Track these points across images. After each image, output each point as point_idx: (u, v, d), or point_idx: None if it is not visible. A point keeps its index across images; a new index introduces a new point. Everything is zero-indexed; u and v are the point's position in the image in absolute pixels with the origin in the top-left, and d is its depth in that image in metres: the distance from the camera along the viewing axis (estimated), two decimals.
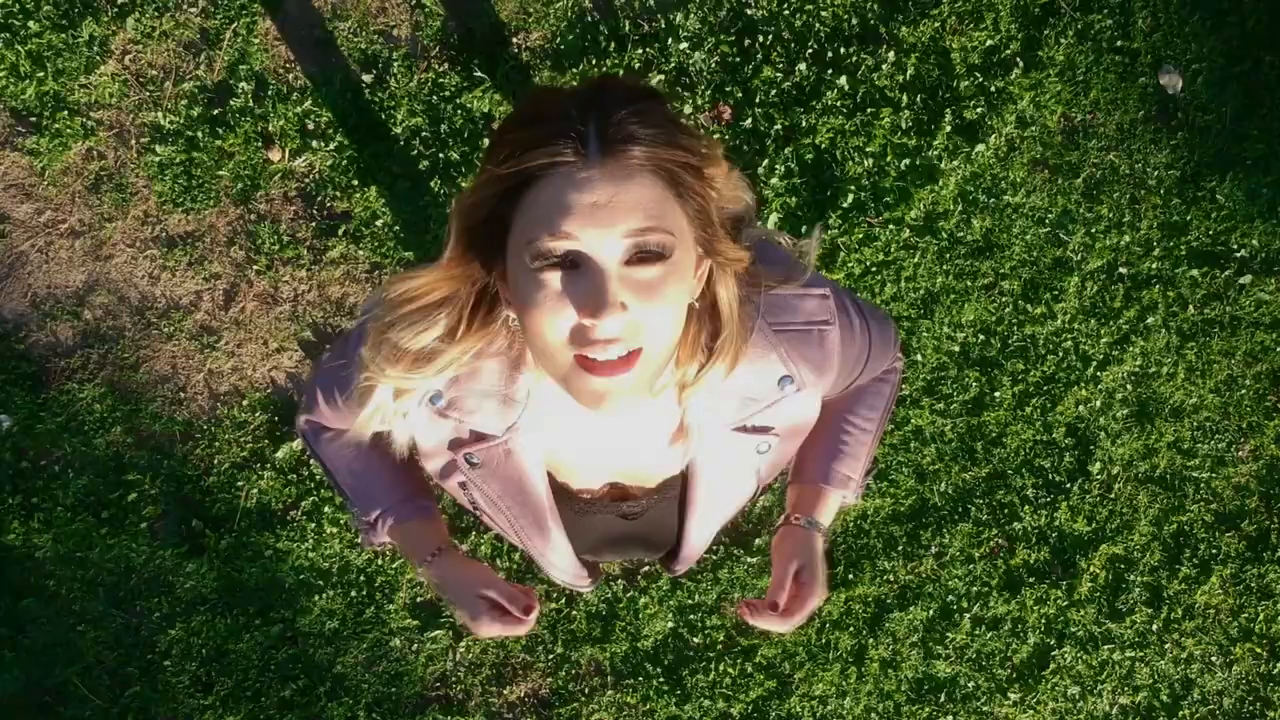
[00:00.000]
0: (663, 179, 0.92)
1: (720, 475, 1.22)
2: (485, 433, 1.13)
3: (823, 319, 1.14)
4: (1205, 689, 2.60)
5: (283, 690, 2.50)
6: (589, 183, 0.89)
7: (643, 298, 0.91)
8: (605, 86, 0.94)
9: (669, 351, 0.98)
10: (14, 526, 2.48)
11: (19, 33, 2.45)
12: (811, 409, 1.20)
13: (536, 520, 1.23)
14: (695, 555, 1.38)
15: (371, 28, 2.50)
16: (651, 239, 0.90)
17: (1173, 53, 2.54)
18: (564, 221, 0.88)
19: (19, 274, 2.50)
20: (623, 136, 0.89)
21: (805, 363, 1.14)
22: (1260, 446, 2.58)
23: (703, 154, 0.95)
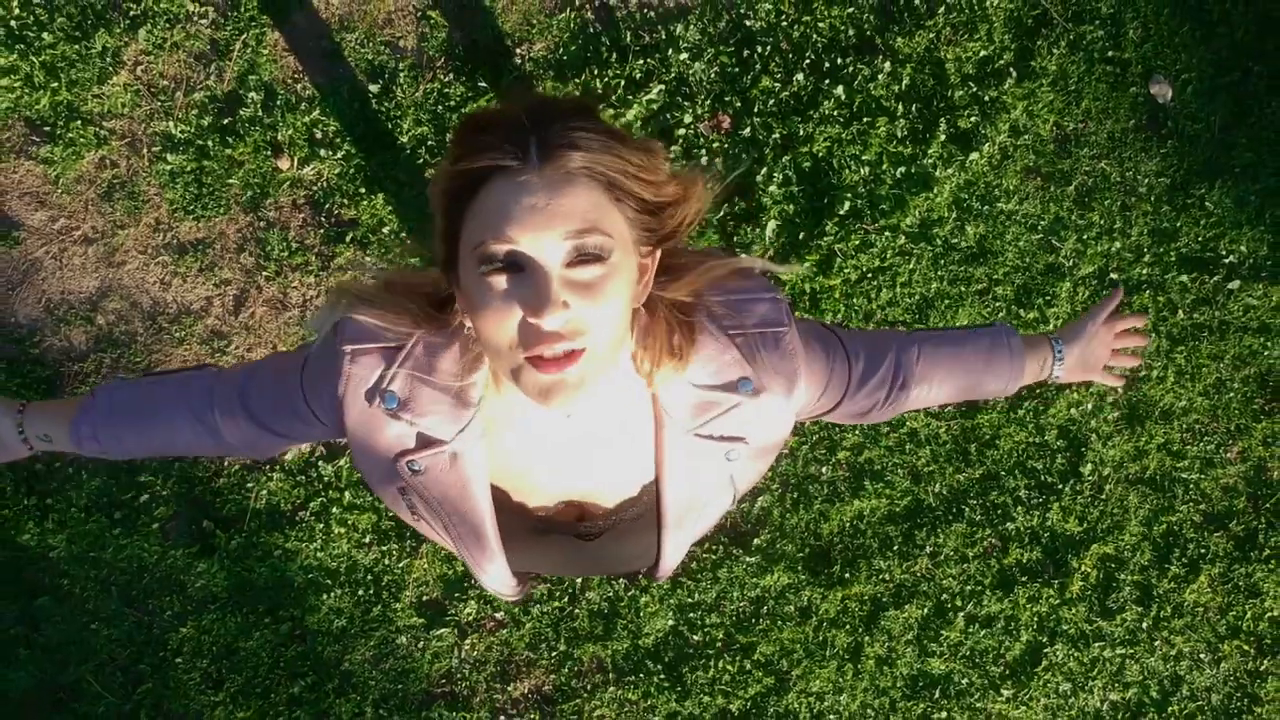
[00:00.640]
0: (600, 184, 0.95)
1: (690, 486, 1.22)
2: (434, 437, 1.13)
3: (778, 321, 1.15)
4: (1194, 685, 2.62)
5: (292, 687, 2.53)
6: (528, 187, 0.93)
7: (583, 297, 0.94)
8: (551, 101, 0.99)
9: (613, 347, 1.00)
10: (29, 527, 2.50)
11: (33, 44, 2.47)
12: (787, 410, 1.19)
13: (475, 530, 1.22)
14: (672, 567, 1.39)
15: (378, 39, 2.52)
16: (589, 241, 0.94)
17: (1163, 63, 2.56)
18: (506, 225, 0.93)
19: (33, 280, 2.52)
20: (561, 143, 0.93)
21: (765, 367, 1.14)
22: (1248, 449, 2.60)
23: (641, 162, 0.98)
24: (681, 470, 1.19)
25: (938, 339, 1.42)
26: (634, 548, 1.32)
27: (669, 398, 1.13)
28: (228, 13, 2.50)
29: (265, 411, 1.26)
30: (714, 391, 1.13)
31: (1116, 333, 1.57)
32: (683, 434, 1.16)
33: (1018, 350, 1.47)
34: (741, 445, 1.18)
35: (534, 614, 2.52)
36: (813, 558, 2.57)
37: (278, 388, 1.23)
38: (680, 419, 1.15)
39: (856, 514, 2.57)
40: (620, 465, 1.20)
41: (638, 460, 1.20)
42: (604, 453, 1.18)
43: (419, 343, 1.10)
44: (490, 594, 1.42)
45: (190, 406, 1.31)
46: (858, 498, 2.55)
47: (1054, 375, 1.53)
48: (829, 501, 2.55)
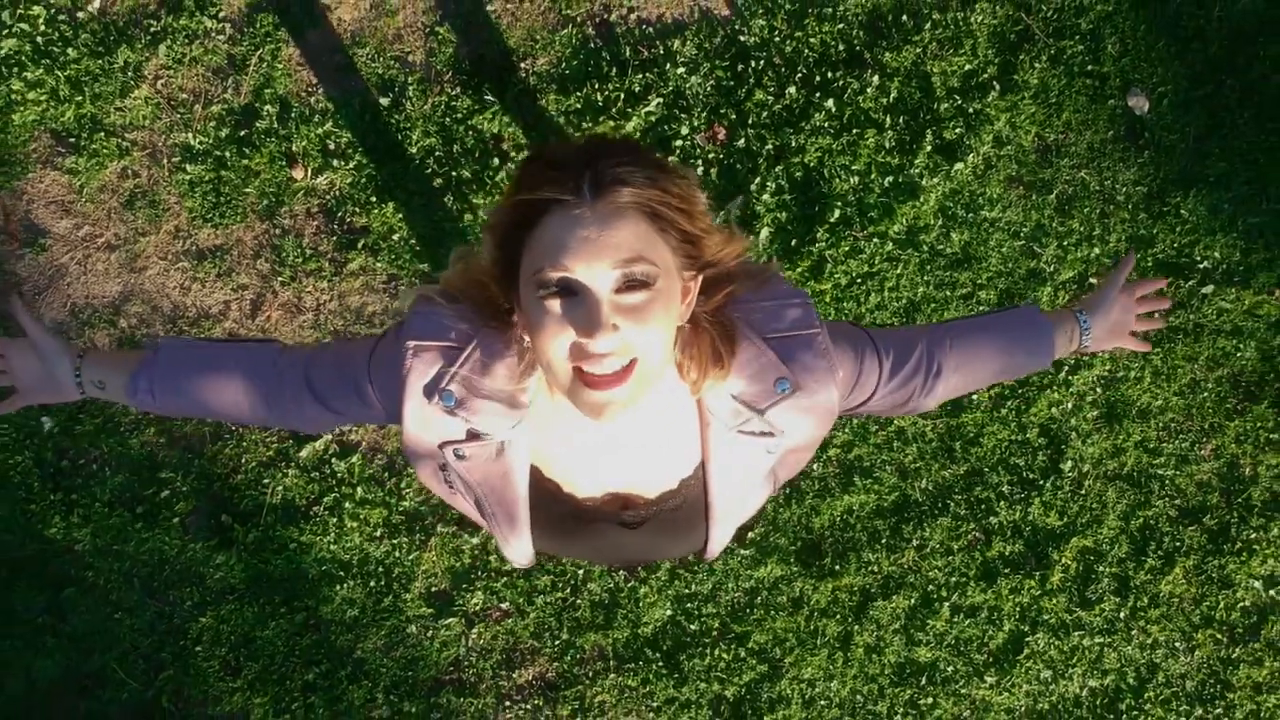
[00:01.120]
0: (646, 216, 1.04)
1: (734, 479, 1.31)
2: (484, 432, 1.23)
3: (810, 324, 1.24)
4: (1169, 672, 2.70)
5: (306, 674, 2.61)
6: (581, 220, 1.02)
7: (631, 320, 1.04)
8: (603, 141, 1.09)
9: (660, 366, 1.09)
10: (55, 521, 2.58)
11: (58, 59, 2.56)
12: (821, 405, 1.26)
13: (509, 512, 1.32)
14: (719, 550, 1.48)
15: (388, 54, 2.60)
16: (637, 269, 1.03)
17: (1140, 77, 2.64)
18: (562, 255, 1.02)
19: (59, 285, 2.61)
20: (612, 180, 1.03)
21: (800, 367, 1.23)
22: (1221, 446, 2.68)
23: (682, 193, 1.07)
24: (727, 465, 1.29)
25: (966, 326, 1.51)
26: (676, 536, 1.41)
27: (713, 400, 1.23)
28: (244, 29, 2.58)
29: (327, 388, 1.35)
30: (753, 392, 1.22)
31: (1136, 298, 1.62)
32: (727, 432, 1.25)
33: (1045, 327, 1.53)
34: (781, 439, 1.27)
35: (538, 604, 2.61)
36: (804, 550, 2.65)
37: (343, 368, 1.33)
38: (724, 418, 1.24)
39: (846, 509, 2.65)
40: (661, 462, 1.30)
41: (678, 457, 1.30)
42: (646, 451, 1.28)
43: (478, 347, 1.19)
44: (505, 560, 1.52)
45: (255, 372, 1.39)
46: (848, 493, 2.64)
47: (1083, 345, 1.58)
48: (820, 496, 2.64)
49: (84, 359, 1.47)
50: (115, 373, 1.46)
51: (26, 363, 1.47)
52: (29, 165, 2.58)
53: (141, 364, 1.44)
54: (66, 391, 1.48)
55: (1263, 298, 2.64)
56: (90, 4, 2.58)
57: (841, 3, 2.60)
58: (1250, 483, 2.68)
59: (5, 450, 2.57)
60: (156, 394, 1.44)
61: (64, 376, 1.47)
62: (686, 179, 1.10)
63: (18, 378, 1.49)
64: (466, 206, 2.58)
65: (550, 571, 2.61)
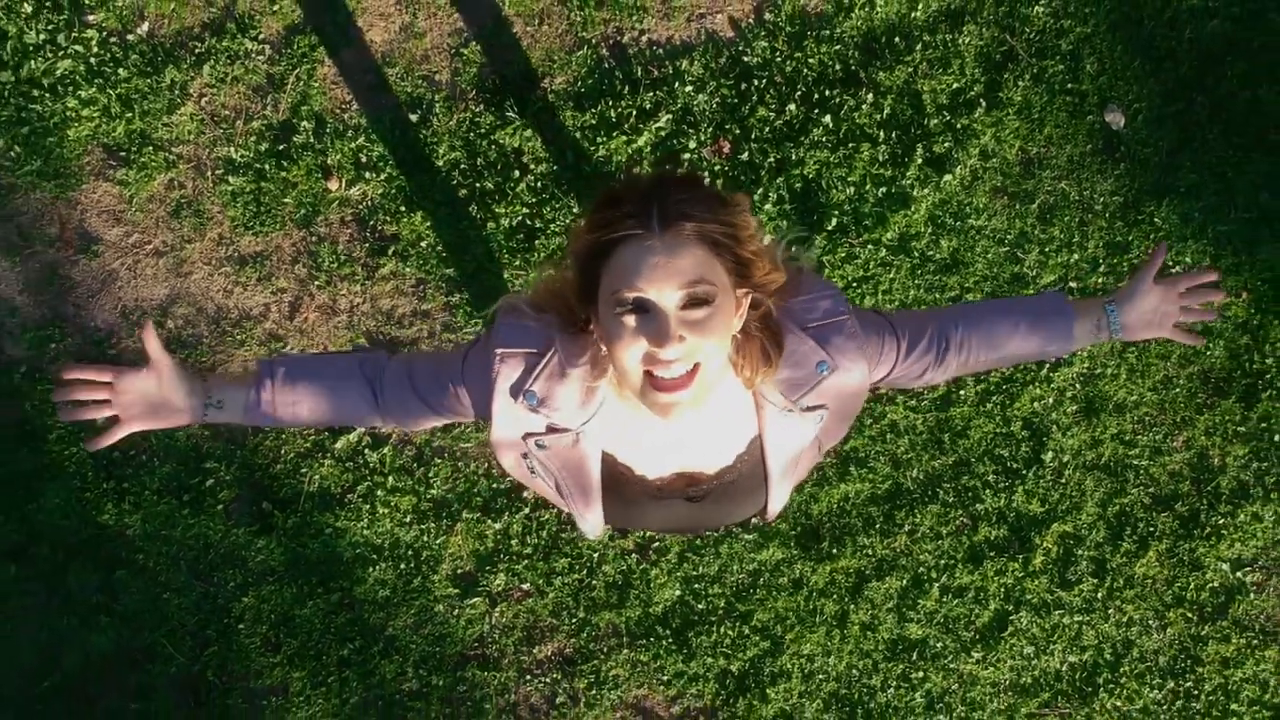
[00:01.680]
0: (707, 245, 1.23)
1: (786, 449, 1.50)
2: (561, 426, 1.41)
3: (840, 312, 1.43)
4: (1143, 648, 2.86)
5: (341, 650, 2.78)
6: (652, 250, 1.21)
7: (694, 332, 1.22)
8: (665, 179, 1.27)
9: (719, 370, 1.28)
10: (108, 508, 2.75)
11: (110, 78, 2.72)
12: (855, 380, 1.45)
13: (585, 492, 1.51)
14: (778, 510, 1.67)
15: (416, 73, 2.77)
16: (699, 290, 1.21)
17: (1116, 94, 2.80)
18: (636, 279, 1.20)
19: (110, 289, 2.77)
20: (676, 215, 1.21)
21: (836, 349, 1.41)
22: (1192, 438, 2.84)
23: (736, 222, 1.25)
24: (780, 440, 1.48)
25: (981, 310, 1.64)
26: (736, 503, 1.61)
27: (765, 388, 1.41)
28: (282, 50, 2.75)
29: (427, 390, 1.50)
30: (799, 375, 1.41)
31: (1181, 291, 1.62)
32: (779, 413, 1.44)
33: (1068, 314, 1.60)
34: (825, 412, 1.46)
35: (556, 584, 2.78)
36: (804, 535, 2.82)
37: (439, 373, 1.49)
38: (776, 401, 1.42)
39: (843, 496, 2.82)
40: (718, 444, 1.48)
41: (733, 437, 1.48)
42: (704, 436, 1.46)
43: (557, 352, 1.37)
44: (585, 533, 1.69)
45: (365, 378, 1.53)
46: (844, 482, 2.80)
47: (1114, 335, 1.62)
48: (818, 485, 2.80)
49: (206, 384, 1.51)
50: (234, 390, 1.52)
51: (143, 389, 1.46)
52: (83, 177, 2.74)
53: (259, 377, 1.52)
54: (178, 415, 1.50)
55: (1231, 300, 2.80)
56: (139, 27, 2.74)
57: (838, 25, 2.76)
58: (1219, 472, 2.84)
59: (61, 442, 2.73)
60: (277, 403, 1.51)
61: (188, 398, 1.48)
62: (740, 208, 1.28)
63: (128, 405, 1.46)
64: (489, 215, 2.74)
65: (567, 554, 2.78)
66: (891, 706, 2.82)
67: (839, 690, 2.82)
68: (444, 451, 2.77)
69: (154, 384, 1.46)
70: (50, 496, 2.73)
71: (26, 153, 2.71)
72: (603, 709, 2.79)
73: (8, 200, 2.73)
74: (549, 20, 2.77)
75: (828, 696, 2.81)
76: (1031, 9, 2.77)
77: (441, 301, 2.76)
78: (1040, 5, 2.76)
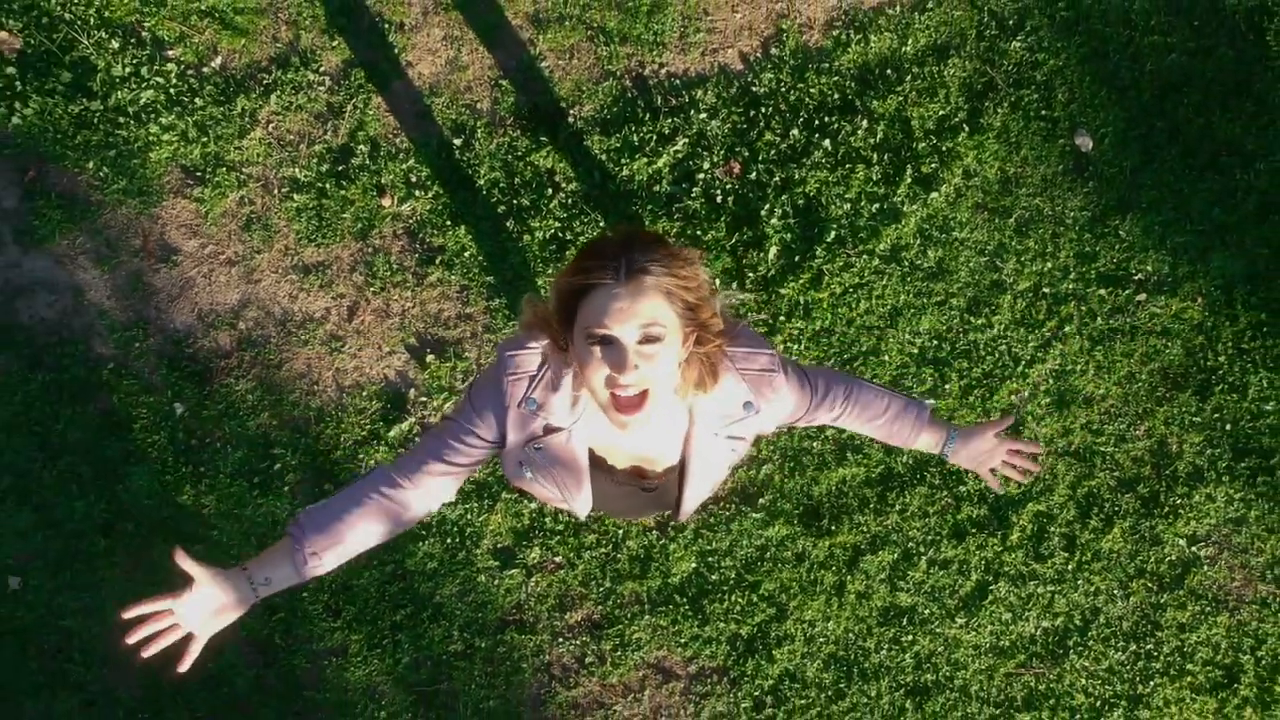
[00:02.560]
0: (661, 294, 1.49)
1: (704, 465, 1.80)
2: (555, 425, 1.68)
3: (771, 369, 1.74)
4: (1109, 615, 3.12)
5: (394, 615, 3.06)
6: (617, 296, 1.47)
7: (647, 363, 1.49)
8: (633, 237, 1.53)
9: (665, 393, 1.55)
10: (186, 490, 3.03)
11: (187, 107, 3.00)
12: (769, 427, 1.80)
13: (576, 479, 1.77)
14: (689, 513, 1.96)
15: (460, 102, 3.05)
16: (652, 330, 1.48)
17: (1085, 120, 3.07)
18: (604, 318, 1.47)
19: (188, 294, 3.06)
20: (639, 269, 1.48)
21: (763, 397, 1.73)
22: (1153, 427, 3.11)
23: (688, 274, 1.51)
24: (702, 454, 1.78)
25: (868, 392, 1.95)
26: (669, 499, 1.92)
27: (700, 411, 1.71)
28: (341, 81, 3.03)
29: (444, 453, 1.71)
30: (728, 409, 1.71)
31: (1009, 449, 2.01)
32: (708, 434, 1.74)
33: (923, 423, 1.96)
34: (742, 443, 1.78)
35: (585, 558, 3.06)
36: (806, 514, 3.10)
37: (451, 429, 1.71)
38: (708, 424, 1.73)
39: (841, 479, 3.09)
40: (663, 449, 1.78)
41: (677, 445, 1.77)
42: (653, 442, 1.76)
43: (549, 369, 1.65)
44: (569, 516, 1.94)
45: (380, 481, 1.70)
46: (842, 466, 3.07)
47: (943, 456, 2.02)
48: (819, 469, 3.08)
49: (247, 570, 1.64)
50: (275, 565, 1.67)
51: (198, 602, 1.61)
52: (163, 195, 3.03)
53: (293, 542, 1.66)
54: (237, 608, 1.64)
55: (1187, 304, 3.08)
56: (213, 60, 3.02)
57: (836, 59, 3.04)
58: (1176, 458, 3.11)
59: (145, 431, 3.02)
60: (323, 556, 1.67)
61: (235, 592, 1.62)
62: (692, 263, 1.54)
63: (192, 621, 1.61)
64: (525, 229, 3.02)
65: (595, 531, 3.06)
66: (884, 666, 3.10)
67: (837, 652, 3.10)
68: None
69: (202, 595, 1.61)
70: (135, 479, 3.02)
71: (114, 173, 3.00)
72: (627, 668, 3.07)
73: (97, 216, 3.02)
74: (578, 55, 3.05)
75: (827, 657, 3.09)
76: (1009, 44, 3.04)
77: (483, 305, 3.04)
78: (1017, 40, 3.04)
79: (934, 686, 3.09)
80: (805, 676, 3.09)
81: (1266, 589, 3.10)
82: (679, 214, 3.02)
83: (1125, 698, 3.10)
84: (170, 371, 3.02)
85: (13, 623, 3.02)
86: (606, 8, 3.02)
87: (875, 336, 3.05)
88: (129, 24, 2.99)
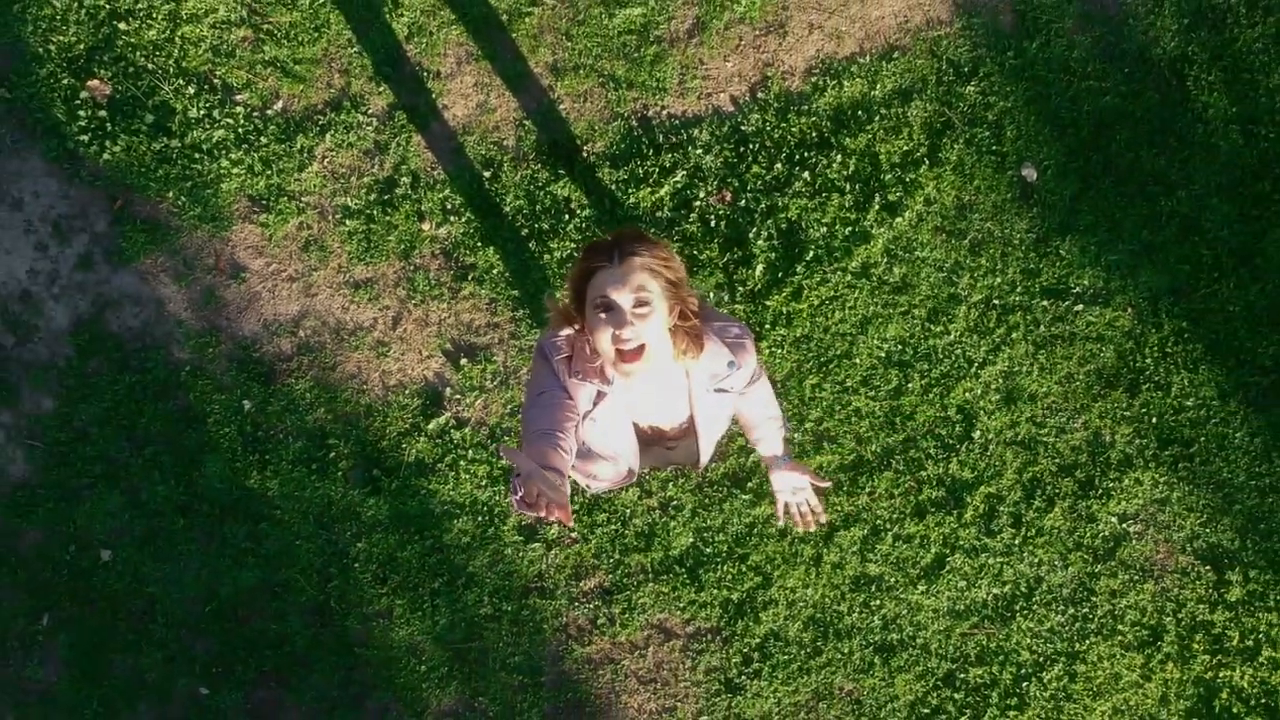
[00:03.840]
0: (647, 271, 1.92)
1: (707, 417, 2.22)
2: (602, 390, 2.06)
3: (743, 337, 2.17)
4: (1050, 583, 3.45)
5: (433, 583, 3.44)
6: (613, 274, 1.90)
7: (640, 321, 1.91)
8: (623, 233, 1.97)
9: (659, 345, 1.95)
10: (253, 475, 3.42)
11: (254, 144, 3.38)
12: (746, 378, 2.21)
13: (626, 437, 2.18)
14: (707, 458, 2.37)
15: (489, 139, 3.43)
16: (641, 295, 1.91)
17: (1030, 153, 3.43)
18: (605, 289, 1.90)
19: (255, 306, 3.45)
20: (628, 253, 1.91)
21: (739, 355, 2.15)
22: (1089, 420, 3.47)
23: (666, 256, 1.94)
24: (704, 409, 2.20)
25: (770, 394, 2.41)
26: (690, 449, 2.34)
27: (694, 372, 2.12)
28: (386, 122, 3.41)
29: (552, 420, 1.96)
30: (716, 368, 2.13)
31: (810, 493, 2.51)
32: (703, 390, 2.16)
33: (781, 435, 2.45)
34: (730, 396, 2.21)
35: (597, 534, 3.45)
36: None
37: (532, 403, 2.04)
38: (701, 382, 2.14)
39: (818, 465, 3.45)
40: (675, 410, 2.20)
41: (682, 406, 2.19)
42: (666, 403, 2.17)
43: (582, 346, 2.04)
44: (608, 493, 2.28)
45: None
46: (818, 454, 3.44)
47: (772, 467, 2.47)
48: (799, 457, 3.46)
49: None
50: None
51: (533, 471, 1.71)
52: (233, 220, 3.42)
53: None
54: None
55: (1119, 314, 3.45)
56: (276, 104, 3.41)
57: (814, 102, 3.42)
58: (1109, 447, 3.47)
59: (218, 425, 3.41)
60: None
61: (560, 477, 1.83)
62: (668, 250, 1.97)
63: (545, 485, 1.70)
64: (545, 249, 3.41)
65: (605, 510, 3.45)
66: (855, 627, 3.49)
67: (815, 614, 3.48)
68: (511, 431, 3.45)
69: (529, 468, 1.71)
70: (209, 466, 3.41)
71: (190, 202, 3.39)
72: (633, 628, 3.47)
73: (176, 238, 3.41)
74: (591, 98, 3.44)
75: (806, 619, 3.48)
76: (964, 88, 3.42)
77: (509, 315, 3.44)
78: (971, 85, 3.42)
79: (899, 644, 3.47)
80: (787, 635, 3.47)
81: (1186, 560, 3.49)
82: (678, 236, 3.41)
83: (1064, 654, 3.48)
84: (239, 373, 3.40)
85: (105, 590, 3.42)
86: (615, 58, 3.41)
87: (848, 342, 3.42)
88: (202, 72, 3.38)
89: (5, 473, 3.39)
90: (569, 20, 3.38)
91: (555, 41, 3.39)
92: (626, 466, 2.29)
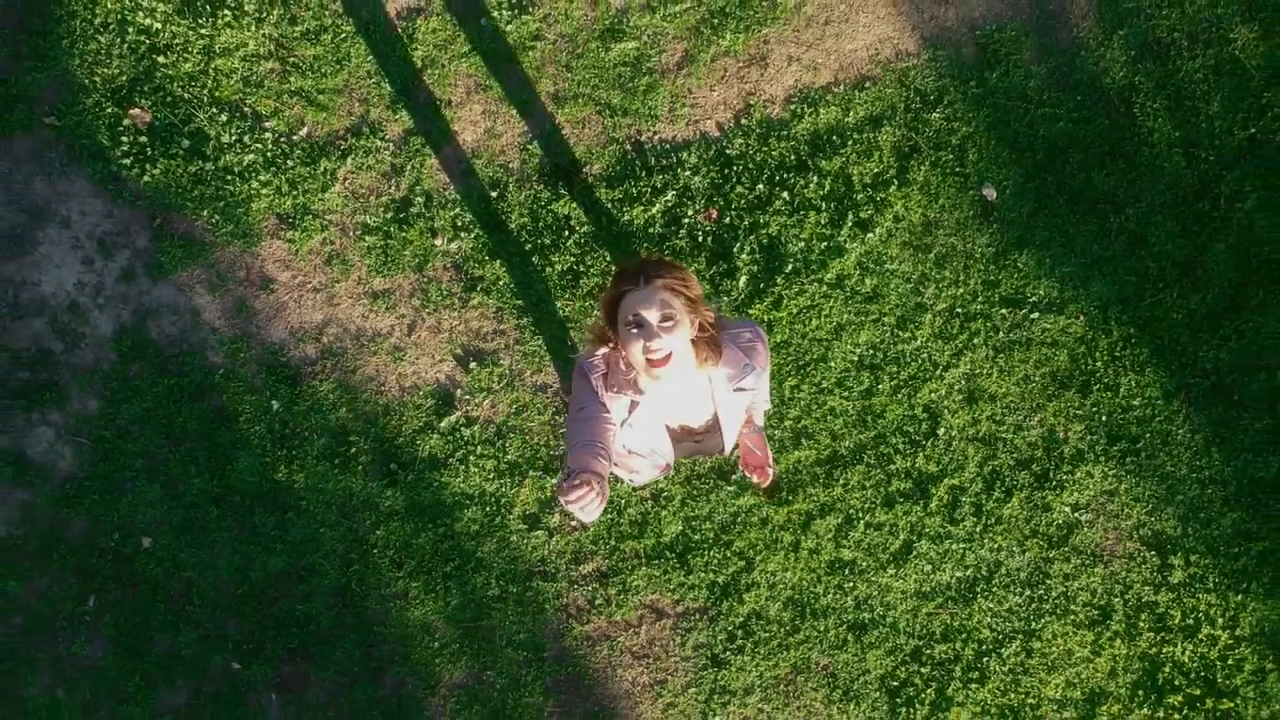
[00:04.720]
0: (669, 291, 2.19)
1: (729, 412, 2.49)
2: (635, 401, 2.33)
3: (755, 339, 2.43)
4: (1009, 567, 3.72)
5: (445, 567, 3.71)
6: (641, 295, 2.17)
7: (667, 334, 2.17)
8: (647, 259, 2.25)
9: (684, 354, 2.22)
10: (281, 470, 3.69)
11: (281, 167, 3.65)
12: (764, 378, 2.47)
13: (659, 437, 2.46)
14: (731, 444, 2.64)
15: (496, 162, 3.70)
16: (666, 312, 2.17)
17: (990, 175, 3.70)
18: (636, 308, 2.16)
19: (282, 315, 3.72)
20: (653, 277, 2.18)
21: (754, 358, 2.41)
22: (1044, 418, 3.74)
23: (688, 282, 2.21)
24: (725, 405, 2.46)
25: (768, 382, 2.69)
26: (715, 442, 2.62)
27: (716, 376, 2.39)
28: (402, 146, 3.68)
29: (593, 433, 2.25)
30: (734, 370, 2.39)
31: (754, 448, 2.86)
32: (725, 391, 2.42)
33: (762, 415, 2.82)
34: (749, 393, 2.47)
35: (595, 522, 3.73)
36: (769, 487, 3.76)
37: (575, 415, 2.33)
38: (721, 384, 2.40)
39: (797, 460, 3.73)
40: (700, 409, 2.47)
41: (707, 406, 2.46)
42: (692, 405, 2.44)
43: (616, 362, 2.31)
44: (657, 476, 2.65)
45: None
46: (797, 449, 3.71)
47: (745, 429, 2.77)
48: (779, 452, 3.74)
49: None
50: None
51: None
52: (262, 236, 3.69)
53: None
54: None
55: (1071, 321, 3.72)
56: (301, 130, 3.68)
57: (793, 127, 3.69)
58: (1063, 443, 3.74)
59: (248, 423, 3.69)
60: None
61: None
62: (686, 271, 2.24)
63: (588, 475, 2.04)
64: (547, 262, 3.68)
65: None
66: (830, 607, 3.76)
67: (793, 596, 3.76)
68: (515, 429, 3.73)
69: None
70: (241, 461, 3.68)
71: (223, 220, 3.66)
72: (628, 609, 3.74)
73: (210, 253, 3.68)
74: (589, 125, 3.70)
75: (785, 600, 3.75)
76: (930, 115, 3.69)
77: (514, 323, 3.71)
78: (937, 112, 3.69)
79: (870, 623, 3.75)
80: (768, 615, 3.74)
81: (1133, 545, 3.76)
82: (668, 251, 3.68)
83: (1021, 632, 3.75)
84: (268, 376, 3.66)
85: (145, 574, 3.69)
86: (611, 88, 3.67)
87: (824, 347, 3.69)
88: (234, 101, 3.65)
89: (55, 468, 3.66)
90: (569, 54, 3.65)
91: (556, 73, 3.65)
92: (664, 461, 2.58)
